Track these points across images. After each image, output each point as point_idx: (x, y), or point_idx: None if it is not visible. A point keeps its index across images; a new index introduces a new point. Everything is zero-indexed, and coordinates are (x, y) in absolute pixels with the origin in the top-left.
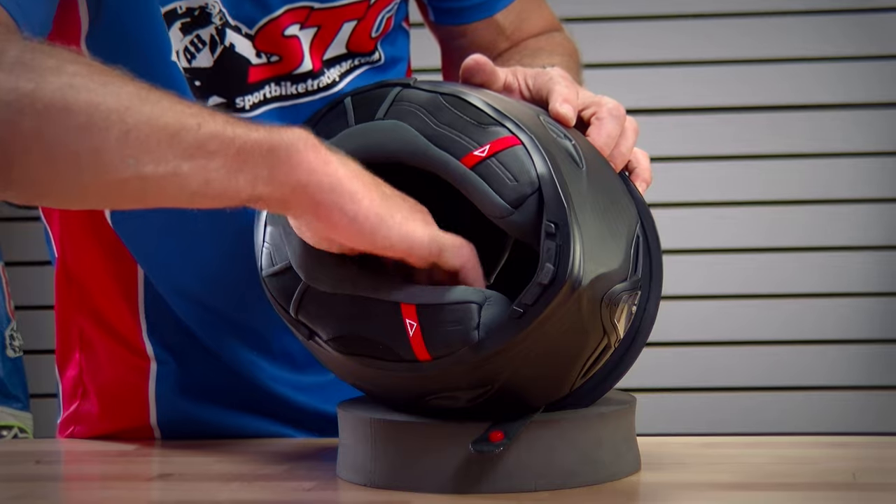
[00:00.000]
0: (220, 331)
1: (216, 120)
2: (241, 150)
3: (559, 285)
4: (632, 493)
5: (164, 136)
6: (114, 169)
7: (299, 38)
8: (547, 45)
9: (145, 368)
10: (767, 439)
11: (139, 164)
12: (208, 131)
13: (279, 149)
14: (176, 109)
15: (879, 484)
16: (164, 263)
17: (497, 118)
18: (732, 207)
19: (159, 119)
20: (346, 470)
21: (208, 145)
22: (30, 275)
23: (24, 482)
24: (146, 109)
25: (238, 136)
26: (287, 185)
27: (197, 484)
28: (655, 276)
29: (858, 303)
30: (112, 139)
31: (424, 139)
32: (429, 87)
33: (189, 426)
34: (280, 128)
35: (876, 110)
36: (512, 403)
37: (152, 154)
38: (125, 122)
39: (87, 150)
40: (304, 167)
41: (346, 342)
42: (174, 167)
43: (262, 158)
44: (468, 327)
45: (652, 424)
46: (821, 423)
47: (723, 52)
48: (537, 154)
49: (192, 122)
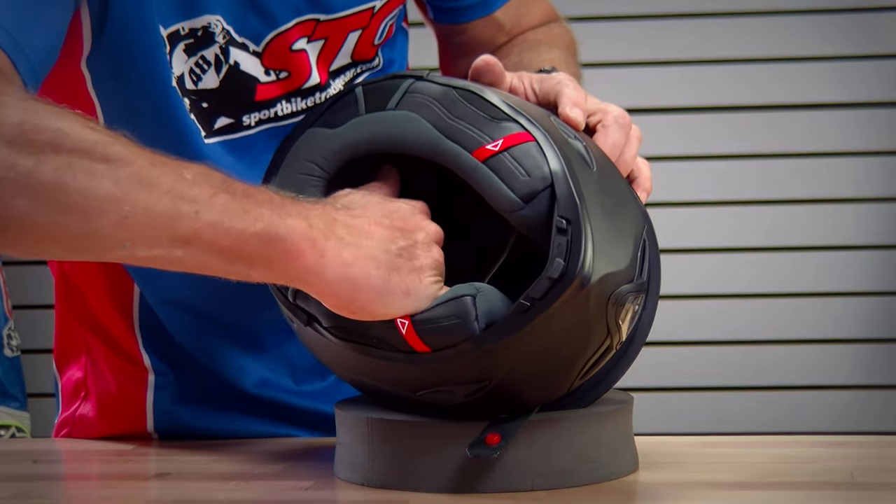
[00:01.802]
0: (212, 339)
1: (214, 206)
2: (236, 243)
3: (569, 280)
4: (630, 492)
5: (160, 223)
6: (108, 250)
7: (307, 52)
8: (545, 37)
9: (143, 379)
10: (766, 439)
11: (133, 247)
12: (205, 221)
13: (275, 244)
14: (174, 193)
15: (877, 483)
16: (152, 271)
17: (510, 114)
18: (731, 207)
19: (156, 206)
20: (344, 469)
21: (203, 234)
22: (27, 274)
23: (21, 481)
24: (143, 195)
25: (234, 228)
26: (283, 278)
27: (195, 483)
28: (653, 283)
29: (858, 302)
30: (107, 224)
31: (437, 131)
32: (442, 81)
33: (187, 432)
34: (280, 207)
35: (875, 109)
36: (507, 402)
37: (147, 240)
38: (121, 209)
39: (82, 233)
40: (300, 263)
41: (345, 329)
42: (167, 252)
43: (257, 254)
44: (467, 319)
45: (650, 424)
46: (820, 422)
47: (722, 52)
48: (550, 151)
49: (189, 209)
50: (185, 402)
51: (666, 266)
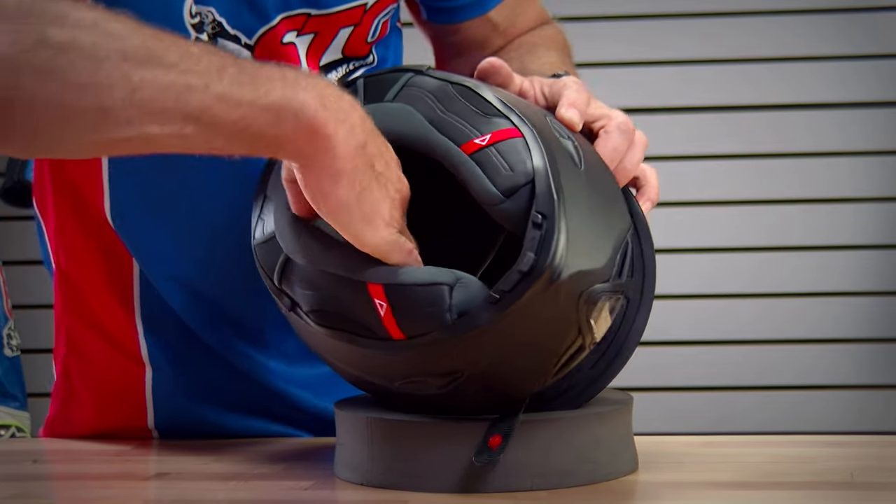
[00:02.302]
0: (213, 321)
1: (223, 78)
2: (246, 114)
3: (538, 274)
4: (629, 492)
5: (169, 96)
6: (118, 127)
7: (296, 45)
8: (542, 40)
9: (141, 375)
10: (766, 438)
11: (144, 124)
12: (215, 93)
13: (286, 119)
14: (182, 66)
15: (877, 483)
16: (155, 249)
17: (502, 110)
18: (730, 206)
19: (164, 78)
20: (344, 469)
21: (214, 108)
22: (27, 274)
23: (21, 481)
24: (150, 68)
25: (244, 99)
26: (288, 154)
27: (194, 483)
28: (647, 292)
29: (857, 302)
30: (117, 98)
31: (429, 124)
32: (440, 76)
33: (187, 428)
34: (297, 81)
35: (874, 109)
36: (481, 396)
37: (158, 115)
38: (130, 81)
39: (92, 109)
40: (304, 135)
41: (324, 315)
42: (179, 129)
43: (268, 126)
44: (441, 308)
45: (650, 424)
46: (819, 422)
47: (721, 51)
48: (536, 147)
49: (199, 82)
50: (186, 396)
51: (665, 266)
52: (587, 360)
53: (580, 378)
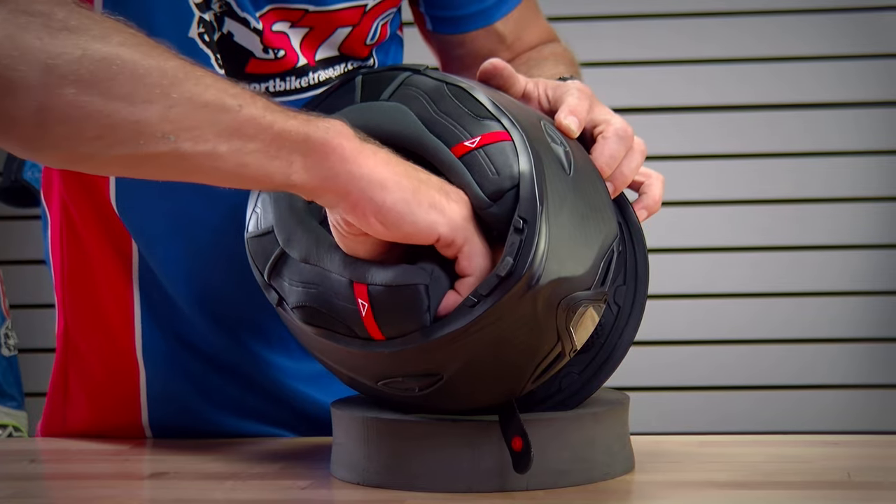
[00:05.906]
0: (213, 309)
1: (256, 103)
2: (277, 136)
3: (516, 279)
4: (625, 491)
5: (205, 114)
6: (153, 143)
7: (288, 35)
8: (550, 55)
9: (135, 372)
10: (763, 438)
11: (178, 141)
12: (248, 114)
13: (314, 138)
14: (217, 87)
15: (874, 483)
16: (157, 234)
17: (494, 113)
18: (728, 206)
19: (201, 96)
20: (341, 468)
21: (246, 128)
22: (25, 273)
23: (18, 481)
24: (189, 85)
25: (276, 121)
26: (319, 175)
27: (191, 483)
28: (638, 299)
29: (855, 302)
30: (154, 113)
31: (421, 124)
32: (437, 76)
33: (182, 427)
34: (317, 117)
35: (873, 109)
36: (461, 400)
37: (192, 132)
38: (169, 97)
39: (128, 122)
40: (337, 156)
41: (308, 312)
42: (212, 147)
43: (297, 147)
44: (420, 310)
45: (646, 423)
46: (817, 421)
47: (719, 51)
48: (524, 151)
49: (233, 102)
50: (181, 394)
51: (662, 266)
52: (576, 365)
53: (570, 381)
